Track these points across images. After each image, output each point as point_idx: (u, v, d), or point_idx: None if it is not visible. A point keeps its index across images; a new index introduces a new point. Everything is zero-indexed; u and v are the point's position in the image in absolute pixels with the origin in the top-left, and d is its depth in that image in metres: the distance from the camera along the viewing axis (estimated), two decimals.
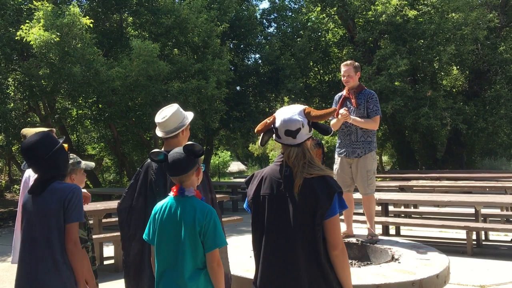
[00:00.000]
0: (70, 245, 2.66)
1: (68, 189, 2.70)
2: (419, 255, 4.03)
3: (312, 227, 2.20)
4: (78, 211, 2.69)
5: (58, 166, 2.77)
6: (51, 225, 2.65)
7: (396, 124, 17.74)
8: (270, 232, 2.28)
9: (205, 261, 2.44)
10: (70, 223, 2.66)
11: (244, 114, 18.35)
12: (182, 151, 2.49)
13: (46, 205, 2.66)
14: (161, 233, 2.49)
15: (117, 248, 6.90)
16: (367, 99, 4.78)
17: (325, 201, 2.20)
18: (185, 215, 2.45)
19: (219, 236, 2.43)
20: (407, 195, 8.83)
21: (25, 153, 2.74)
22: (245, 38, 18.58)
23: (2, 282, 6.04)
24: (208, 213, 2.45)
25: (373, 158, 4.87)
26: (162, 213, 2.51)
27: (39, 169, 2.73)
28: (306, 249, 2.21)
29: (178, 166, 2.47)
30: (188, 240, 2.41)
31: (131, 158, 19.46)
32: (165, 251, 2.46)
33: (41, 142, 2.72)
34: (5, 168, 23.45)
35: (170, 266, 2.44)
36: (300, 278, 2.20)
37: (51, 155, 2.71)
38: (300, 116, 2.32)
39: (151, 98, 12.68)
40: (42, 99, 13.16)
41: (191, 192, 2.51)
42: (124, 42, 14.42)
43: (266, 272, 2.28)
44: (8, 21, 11.63)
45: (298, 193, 2.21)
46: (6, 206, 15.01)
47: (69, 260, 2.66)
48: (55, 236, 2.65)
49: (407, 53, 15.27)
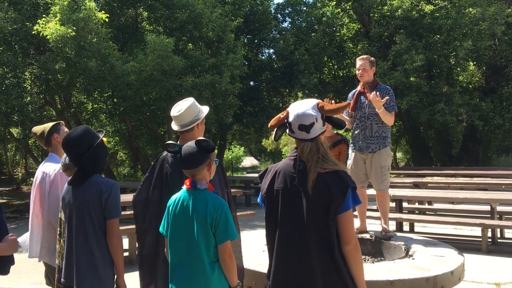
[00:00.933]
0: (114, 239, 2.77)
1: (106, 184, 2.77)
2: (433, 251, 4.00)
3: (326, 222, 2.20)
4: (117, 207, 2.79)
5: (98, 161, 2.84)
6: (88, 217, 2.74)
7: (411, 120, 17.56)
8: (283, 226, 2.29)
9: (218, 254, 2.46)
10: (111, 219, 2.77)
11: (257, 109, 18.34)
12: (195, 145, 2.50)
13: (84, 198, 2.75)
14: (174, 225, 2.52)
15: (132, 240, 6.98)
16: (382, 94, 4.74)
17: (338, 196, 2.19)
18: (197, 207, 2.47)
19: (230, 229, 2.45)
20: (421, 192, 8.75)
21: (66, 147, 2.81)
22: (259, 33, 18.54)
23: (19, 273, 6.14)
24: (219, 206, 2.46)
25: (387, 154, 4.83)
26: (176, 206, 2.54)
27: (80, 163, 2.80)
28: (319, 244, 2.21)
29: (190, 159, 2.50)
30: (201, 232, 2.43)
31: (145, 152, 19.61)
32: (178, 243, 2.49)
33: (82, 137, 2.80)
34: (22, 161, 23.81)
35: (183, 258, 2.47)
36: (313, 273, 2.20)
37: (92, 150, 2.78)
38: (314, 110, 2.31)
39: (166, 93, 12.75)
40: (58, 93, 13.30)
41: (203, 185, 2.53)
42: (139, 36, 14.50)
43: (279, 266, 2.29)
44: (25, 16, 11.76)
45: (311, 187, 2.21)
46: (23, 198, 15.25)
47: (106, 253, 2.76)
48: (90, 229, 2.74)
49: (423, 48, 15.08)
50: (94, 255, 2.74)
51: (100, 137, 2.88)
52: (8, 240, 2.56)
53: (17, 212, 12.24)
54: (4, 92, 11.30)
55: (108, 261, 2.78)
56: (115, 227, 2.78)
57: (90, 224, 2.75)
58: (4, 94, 11.21)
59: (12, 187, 18.33)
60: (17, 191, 17.54)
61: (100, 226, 2.77)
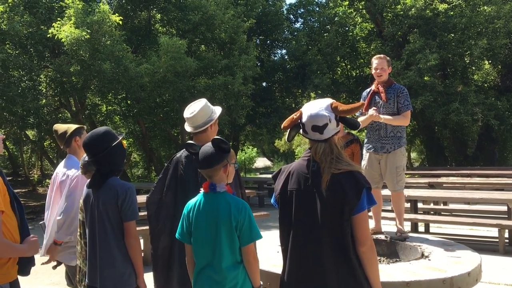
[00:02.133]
0: (132, 240, 2.82)
1: (122, 188, 2.81)
2: (449, 252, 3.95)
3: (340, 223, 2.18)
4: (134, 210, 2.83)
5: (115, 161, 2.89)
6: (106, 219, 2.80)
7: (425, 120, 17.41)
8: (297, 227, 2.28)
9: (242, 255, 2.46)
10: (128, 221, 2.81)
11: (270, 110, 18.34)
12: (211, 145, 2.50)
13: (102, 200, 2.80)
14: (196, 230, 2.50)
15: (146, 241, 7.01)
16: (397, 93, 4.70)
17: (353, 197, 2.17)
18: (219, 211, 2.45)
19: (254, 230, 2.45)
20: (437, 192, 8.66)
21: (87, 146, 2.87)
22: (272, 33, 18.55)
23: (36, 273, 6.20)
24: (242, 208, 2.46)
25: (402, 154, 4.79)
26: (196, 211, 2.51)
27: (98, 162, 2.85)
28: (333, 245, 2.19)
29: (206, 159, 2.48)
30: (225, 235, 2.42)
31: (159, 153, 19.72)
32: (202, 247, 2.47)
33: (103, 137, 2.85)
34: (37, 163, 24.11)
35: (208, 262, 2.46)
36: (328, 274, 2.18)
37: (109, 150, 2.82)
38: (327, 111, 2.29)
39: (179, 94, 12.81)
40: (73, 95, 13.45)
41: (222, 187, 2.51)
42: (152, 39, 14.60)
43: (294, 267, 2.28)
44: (40, 19, 11.92)
45: (326, 188, 2.19)
46: (39, 200, 15.42)
47: (126, 253, 2.80)
48: (110, 231, 2.79)
49: (437, 47, 14.94)
50: (115, 256, 2.78)
51: (119, 139, 2.92)
52: (29, 241, 2.59)
53: (34, 214, 12.39)
54: (20, 94, 11.46)
55: (128, 262, 2.82)
56: (132, 229, 2.82)
57: (109, 226, 2.80)
58: (20, 97, 11.36)
59: (28, 188, 18.56)
60: (33, 193, 17.75)
61: (119, 228, 2.82)
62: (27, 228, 2.67)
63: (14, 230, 2.54)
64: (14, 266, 2.54)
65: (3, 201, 2.42)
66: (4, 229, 2.43)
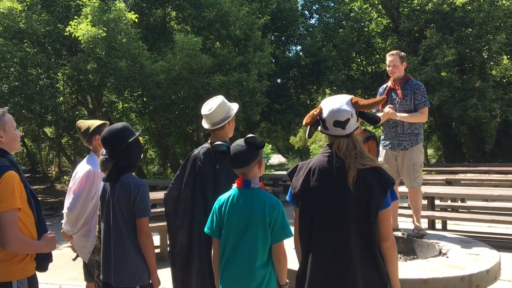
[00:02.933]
0: (143, 237, 2.84)
1: (134, 185, 2.84)
2: (468, 250, 3.91)
3: (367, 218, 2.19)
4: (145, 207, 2.85)
5: (131, 157, 2.93)
6: (120, 215, 2.83)
7: (442, 116, 17.21)
8: (321, 224, 2.26)
9: (271, 252, 2.46)
10: (140, 218, 2.84)
11: (285, 107, 18.30)
12: (244, 143, 2.49)
13: (116, 196, 2.84)
14: (228, 225, 2.50)
15: (163, 237, 7.07)
16: (414, 90, 4.65)
17: (379, 192, 2.18)
18: (254, 206, 2.45)
19: (286, 228, 2.46)
20: (454, 189, 8.56)
21: (104, 141, 2.92)
22: (287, 30, 18.49)
23: (54, 269, 6.30)
24: (276, 205, 2.46)
25: (420, 151, 4.75)
26: (229, 206, 2.51)
27: (114, 157, 2.90)
28: (359, 241, 2.20)
29: (240, 158, 2.48)
30: (259, 232, 2.43)
31: (174, 150, 19.83)
32: (232, 242, 2.48)
33: (118, 133, 2.90)
34: (55, 160, 24.45)
35: (237, 257, 2.46)
36: (354, 271, 2.18)
37: (126, 146, 2.87)
38: (348, 106, 2.28)
39: (194, 91, 12.85)
40: (90, 93, 13.59)
41: (256, 184, 2.52)
42: (167, 36, 14.66)
43: (318, 264, 2.26)
44: (58, 18, 12.06)
45: (352, 184, 2.18)
46: (57, 196, 15.65)
47: (139, 250, 2.83)
48: (124, 226, 2.83)
49: (454, 42, 14.74)
50: (128, 252, 2.81)
51: (136, 135, 2.96)
52: (47, 238, 2.63)
53: (52, 210, 12.58)
54: (38, 92, 11.61)
55: (142, 258, 2.85)
56: (144, 225, 2.85)
57: (123, 222, 2.83)
58: (38, 95, 11.52)
59: (46, 185, 18.83)
60: (51, 189, 18.01)
61: (132, 224, 2.85)
62: (44, 224, 2.70)
63: (31, 227, 2.57)
64: (31, 262, 2.57)
65: (20, 199, 2.46)
66: (21, 226, 2.47)
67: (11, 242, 2.38)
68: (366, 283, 2.18)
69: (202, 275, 2.99)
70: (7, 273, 2.45)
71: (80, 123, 3.79)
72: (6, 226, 2.37)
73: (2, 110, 2.62)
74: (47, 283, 5.63)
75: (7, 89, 11.48)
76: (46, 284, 5.54)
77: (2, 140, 2.57)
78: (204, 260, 2.95)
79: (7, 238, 2.37)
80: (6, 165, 2.48)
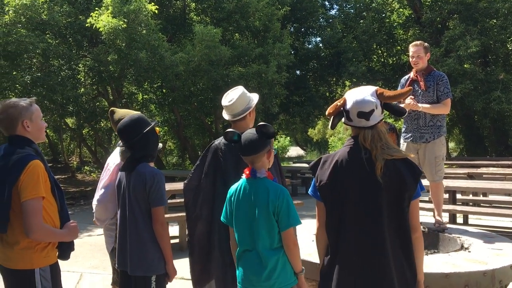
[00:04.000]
0: (158, 226, 2.86)
1: (150, 174, 2.86)
2: (490, 244, 3.84)
3: (400, 209, 2.19)
4: (161, 196, 2.87)
5: (147, 147, 2.94)
6: (136, 205, 2.86)
7: (464, 109, 16.92)
8: (351, 216, 2.24)
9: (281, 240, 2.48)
10: (155, 207, 2.85)
11: (304, 99, 18.22)
12: (255, 131, 2.51)
13: (132, 185, 2.87)
14: (237, 214, 2.56)
15: (182, 227, 7.13)
16: (437, 81, 4.57)
17: (412, 183, 2.19)
18: (258, 196, 2.48)
19: (292, 216, 2.46)
20: (476, 183, 8.42)
21: (119, 132, 2.95)
22: (306, 21, 18.35)
23: (75, 257, 6.41)
24: (280, 194, 2.48)
25: (442, 144, 4.66)
26: (237, 195, 2.56)
27: (131, 148, 2.93)
28: (392, 232, 2.19)
29: (250, 146, 2.50)
30: (263, 220, 2.46)
31: (193, 141, 19.93)
32: (242, 232, 2.53)
33: (134, 123, 2.92)
34: (76, 150, 24.83)
35: (248, 247, 2.51)
36: (388, 262, 2.17)
37: (142, 136, 2.88)
38: (373, 97, 2.26)
39: (213, 83, 12.88)
40: (110, 84, 13.71)
41: (262, 173, 2.54)
42: (187, 27, 14.70)
43: (350, 257, 2.24)
44: (79, 9, 12.18)
45: (381, 175, 2.17)
46: (78, 186, 15.90)
47: (155, 239, 2.85)
48: (140, 216, 2.86)
49: (478, 33, 14.44)
50: (144, 240, 2.84)
51: (151, 124, 2.97)
52: (69, 227, 2.66)
53: (73, 199, 12.79)
54: (60, 83, 11.77)
55: (157, 247, 2.87)
56: (159, 214, 2.86)
57: (139, 211, 2.85)
58: (60, 86, 11.67)
59: (68, 175, 19.13)
60: (72, 179, 18.29)
61: (148, 213, 2.87)
62: (67, 213, 2.74)
63: (55, 216, 2.61)
64: (53, 250, 2.61)
65: (44, 188, 2.49)
66: (45, 214, 2.51)
67: (35, 230, 2.42)
68: (398, 277, 2.18)
69: (223, 265, 3.01)
70: (30, 261, 2.50)
71: (113, 111, 3.71)
72: (30, 214, 2.41)
73: (30, 100, 2.65)
74: (69, 271, 5.73)
75: (29, 80, 11.64)
76: (67, 272, 5.64)
77: (28, 130, 2.60)
78: (224, 250, 2.97)
79: (31, 226, 2.41)
80: (31, 154, 2.52)
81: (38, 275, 2.50)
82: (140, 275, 2.84)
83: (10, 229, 2.49)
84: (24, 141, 2.57)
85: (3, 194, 2.42)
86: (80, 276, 5.77)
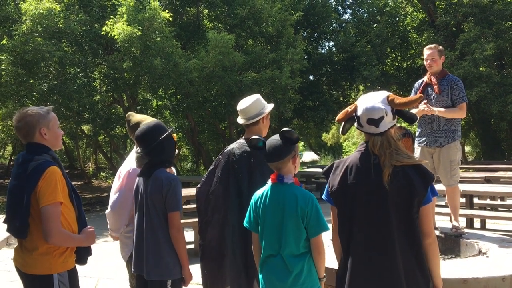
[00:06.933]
0: (174, 231, 2.88)
1: (166, 180, 2.89)
2: (509, 249, 3.79)
3: (409, 215, 2.18)
4: (177, 201, 2.89)
5: (164, 153, 2.97)
6: (153, 210, 2.88)
7: (480, 112, 16.74)
8: (361, 221, 2.25)
9: (308, 246, 2.48)
10: (171, 212, 2.88)
11: (317, 104, 18.18)
12: (279, 137, 2.51)
13: (149, 190, 2.90)
14: (263, 220, 2.55)
15: (197, 233, 7.12)
16: (451, 85, 4.53)
17: (421, 188, 2.17)
18: (286, 202, 2.48)
19: (321, 222, 2.46)
20: (494, 187, 8.31)
21: (137, 139, 2.98)
22: (319, 26, 18.34)
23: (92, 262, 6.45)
24: (309, 200, 2.48)
25: (457, 148, 4.62)
26: (263, 201, 2.56)
27: (148, 154, 2.95)
28: (401, 237, 2.18)
29: (275, 152, 2.50)
30: (291, 226, 2.45)
31: (207, 147, 20.00)
32: (268, 237, 2.52)
33: (152, 130, 2.94)
34: (92, 157, 25.10)
35: (274, 251, 2.51)
36: (397, 268, 2.16)
37: (159, 142, 2.91)
38: (383, 103, 2.26)
39: (226, 89, 12.93)
40: (125, 91, 13.83)
41: (290, 179, 2.54)
42: (200, 34, 14.79)
43: (360, 261, 2.25)
44: (94, 17, 12.33)
45: (389, 181, 2.17)
46: (94, 192, 16.06)
47: (172, 244, 2.87)
48: (156, 220, 2.88)
49: (493, 36, 14.31)
50: (161, 245, 2.86)
51: (169, 131, 3.00)
52: (87, 232, 2.70)
53: (89, 205, 12.92)
54: (76, 91, 11.91)
55: (174, 252, 2.89)
56: (175, 219, 2.88)
57: (156, 216, 2.88)
58: (76, 93, 11.81)
59: (84, 181, 19.35)
60: (88, 185, 18.50)
61: (165, 218, 2.89)
62: (84, 219, 2.77)
63: (72, 221, 2.64)
64: (71, 256, 2.64)
65: (62, 193, 2.53)
66: (63, 220, 2.54)
67: (53, 234, 2.45)
68: (409, 281, 2.16)
69: (236, 269, 3.01)
70: (48, 266, 2.53)
71: (129, 116, 3.71)
72: (49, 219, 2.44)
73: (48, 108, 2.70)
74: (86, 276, 5.77)
75: (46, 88, 11.81)
76: (84, 277, 5.68)
77: (46, 137, 2.64)
78: (237, 254, 2.97)
79: (50, 231, 2.44)
80: (49, 161, 2.56)
81: (56, 281, 2.53)
82: (156, 280, 2.86)
83: (29, 235, 2.52)
84: (41, 148, 2.61)
85: (22, 200, 2.46)
86: (97, 281, 5.82)
